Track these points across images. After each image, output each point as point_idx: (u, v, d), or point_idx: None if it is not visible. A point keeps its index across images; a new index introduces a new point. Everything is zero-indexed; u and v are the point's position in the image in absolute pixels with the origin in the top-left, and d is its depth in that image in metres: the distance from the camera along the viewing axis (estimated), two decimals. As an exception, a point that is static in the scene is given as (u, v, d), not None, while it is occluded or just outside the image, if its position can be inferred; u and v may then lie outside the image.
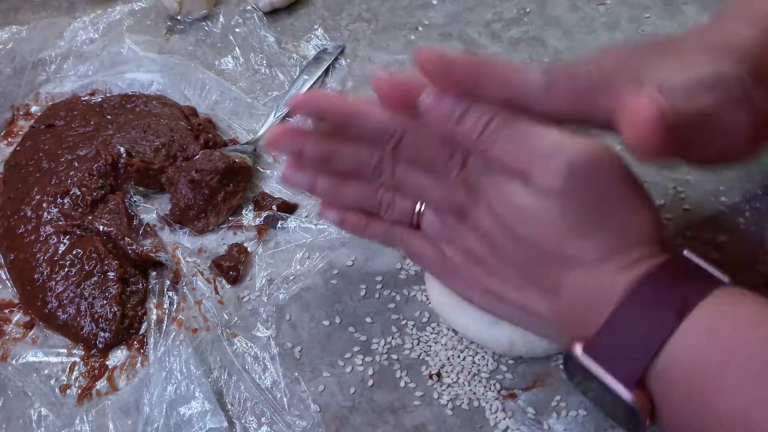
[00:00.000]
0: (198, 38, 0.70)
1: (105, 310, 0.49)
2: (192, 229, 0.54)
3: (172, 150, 0.58)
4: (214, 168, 0.54)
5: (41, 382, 0.47)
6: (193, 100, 0.64)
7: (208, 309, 0.50)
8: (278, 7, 0.71)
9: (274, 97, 0.64)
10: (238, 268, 0.51)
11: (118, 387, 0.47)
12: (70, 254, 0.51)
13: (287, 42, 0.69)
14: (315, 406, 0.45)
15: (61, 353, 0.49)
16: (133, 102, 0.63)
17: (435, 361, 0.46)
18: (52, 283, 0.50)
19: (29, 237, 0.53)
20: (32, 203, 0.54)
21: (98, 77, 0.66)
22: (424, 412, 0.44)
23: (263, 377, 0.46)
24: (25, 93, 0.66)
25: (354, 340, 0.48)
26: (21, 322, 0.50)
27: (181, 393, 0.44)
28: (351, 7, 0.72)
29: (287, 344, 0.48)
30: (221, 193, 0.54)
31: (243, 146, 0.59)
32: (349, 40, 0.69)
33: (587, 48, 0.66)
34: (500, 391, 0.45)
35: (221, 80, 0.64)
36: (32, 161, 0.58)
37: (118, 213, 0.54)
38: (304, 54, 0.67)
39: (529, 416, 0.44)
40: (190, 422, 0.43)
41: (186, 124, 0.60)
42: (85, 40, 0.69)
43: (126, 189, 0.56)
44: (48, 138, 0.60)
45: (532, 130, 0.36)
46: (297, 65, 0.66)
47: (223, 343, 0.48)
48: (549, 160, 0.35)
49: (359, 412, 0.45)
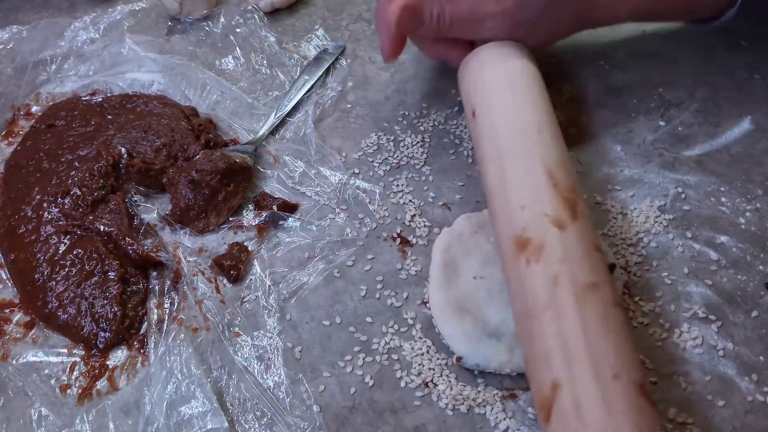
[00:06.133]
0: (199, 38, 0.70)
1: (105, 310, 0.49)
2: (193, 229, 0.54)
3: (173, 150, 0.58)
4: (214, 168, 0.54)
5: (41, 382, 0.47)
6: (193, 100, 0.64)
7: (208, 308, 0.50)
8: (279, 8, 0.72)
9: (274, 97, 0.64)
10: (239, 267, 0.51)
11: (118, 387, 0.47)
12: (70, 254, 0.51)
13: (288, 42, 0.69)
14: (316, 407, 0.45)
15: (61, 353, 0.49)
16: (134, 102, 0.63)
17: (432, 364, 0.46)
18: (53, 283, 0.50)
19: (30, 237, 0.53)
20: (33, 203, 0.54)
21: (99, 77, 0.66)
22: (425, 413, 0.44)
23: (266, 377, 0.46)
24: (26, 93, 0.66)
25: (354, 340, 0.48)
26: (21, 321, 0.50)
27: (181, 393, 0.44)
28: (352, 8, 0.73)
29: (288, 344, 0.48)
30: (222, 193, 0.54)
31: (244, 146, 0.59)
32: (349, 40, 0.69)
33: (588, 47, 0.66)
34: (500, 391, 0.45)
35: (222, 80, 0.64)
36: (33, 161, 0.58)
37: (119, 213, 0.54)
38: (305, 54, 0.67)
39: (529, 416, 0.44)
40: (191, 422, 0.43)
41: (187, 125, 0.60)
42: (86, 40, 0.69)
43: (127, 189, 0.56)
44: (49, 138, 0.60)
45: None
46: (297, 65, 0.66)
47: (224, 343, 0.48)
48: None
49: (359, 413, 0.45)
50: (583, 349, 0.37)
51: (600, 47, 0.66)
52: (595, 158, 0.57)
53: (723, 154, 0.57)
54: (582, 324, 0.38)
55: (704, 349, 0.46)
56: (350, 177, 0.57)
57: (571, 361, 0.37)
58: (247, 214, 0.56)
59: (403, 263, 0.52)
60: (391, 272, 0.51)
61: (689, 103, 0.60)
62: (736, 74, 0.62)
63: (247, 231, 0.54)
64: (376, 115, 0.62)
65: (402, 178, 0.57)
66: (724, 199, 0.54)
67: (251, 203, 0.56)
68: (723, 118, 0.59)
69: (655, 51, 0.65)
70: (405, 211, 0.55)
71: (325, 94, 0.63)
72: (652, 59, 0.64)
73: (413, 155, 0.58)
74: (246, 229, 0.55)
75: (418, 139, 0.59)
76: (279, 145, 0.60)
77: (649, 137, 0.58)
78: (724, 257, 0.50)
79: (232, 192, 0.55)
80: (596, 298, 0.39)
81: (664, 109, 0.60)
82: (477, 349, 0.45)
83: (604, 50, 0.66)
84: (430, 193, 0.56)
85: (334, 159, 0.58)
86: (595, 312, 0.39)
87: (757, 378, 0.44)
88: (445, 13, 0.52)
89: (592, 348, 0.37)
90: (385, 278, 0.51)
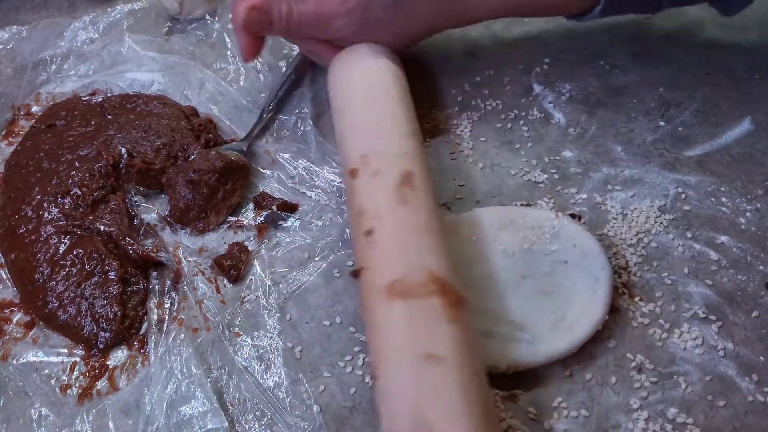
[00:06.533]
0: (198, 38, 0.70)
1: (106, 310, 0.49)
2: (193, 229, 0.54)
3: (173, 150, 0.58)
4: (212, 167, 0.54)
5: (42, 382, 0.47)
6: (193, 100, 0.64)
7: (209, 309, 0.50)
8: (279, 7, 0.71)
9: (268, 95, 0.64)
10: (239, 267, 0.51)
11: (118, 387, 0.47)
12: (70, 254, 0.51)
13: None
14: (316, 407, 0.45)
15: (61, 353, 0.49)
16: (134, 102, 0.63)
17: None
18: (53, 283, 0.50)
19: (30, 237, 0.53)
20: (33, 203, 0.54)
21: (99, 77, 0.66)
22: (425, 412, 0.44)
23: (266, 377, 0.46)
24: (26, 93, 0.66)
25: (354, 340, 0.48)
26: (21, 321, 0.50)
27: (181, 393, 0.44)
28: (351, 7, 0.72)
29: (288, 344, 0.48)
30: (220, 192, 0.54)
31: (237, 144, 0.59)
32: (349, 40, 0.69)
33: (588, 48, 0.66)
34: (501, 391, 0.45)
35: (221, 80, 0.64)
36: (33, 161, 0.58)
37: (119, 213, 0.54)
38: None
39: (529, 416, 0.44)
40: (191, 422, 0.43)
41: (187, 124, 0.60)
42: (86, 39, 0.69)
43: (127, 189, 0.56)
44: (49, 138, 0.60)
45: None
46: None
47: (224, 343, 0.48)
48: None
49: (360, 413, 0.45)
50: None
51: (600, 47, 0.66)
52: (595, 158, 0.57)
53: (723, 155, 0.57)
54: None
55: (704, 349, 0.46)
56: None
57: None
58: (247, 214, 0.56)
59: (404, 263, 0.52)
60: (392, 272, 0.51)
61: (689, 103, 0.60)
62: (736, 74, 0.62)
63: (247, 231, 0.54)
64: (376, 115, 0.62)
65: (402, 178, 0.57)
66: (724, 199, 0.54)
67: (251, 203, 0.56)
68: (723, 118, 0.59)
69: (655, 51, 0.65)
70: (405, 211, 0.55)
71: (318, 89, 0.63)
72: (652, 59, 0.64)
73: (413, 155, 0.58)
74: (246, 229, 0.55)
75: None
76: (278, 144, 0.60)
77: (649, 137, 0.58)
78: (725, 257, 0.50)
79: (230, 190, 0.55)
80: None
81: (665, 109, 0.60)
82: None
83: (605, 50, 0.66)
84: (430, 193, 0.56)
85: (335, 156, 0.58)
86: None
87: (758, 378, 0.44)
88: (293, 13, 0.53)
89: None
90: (385, 278, 0.51)
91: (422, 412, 0.35)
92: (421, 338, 0.37)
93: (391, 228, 0.43)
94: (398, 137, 0.49)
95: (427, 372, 0.36)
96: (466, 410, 0.35)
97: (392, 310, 0.39)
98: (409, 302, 0.39)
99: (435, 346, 0.37)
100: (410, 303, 0.39)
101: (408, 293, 0.39)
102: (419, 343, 0.37)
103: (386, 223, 0.43)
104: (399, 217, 0.43)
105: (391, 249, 0.42)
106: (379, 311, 0.40)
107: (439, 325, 0.38)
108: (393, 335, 0.38)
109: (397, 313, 0.39)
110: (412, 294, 0.39)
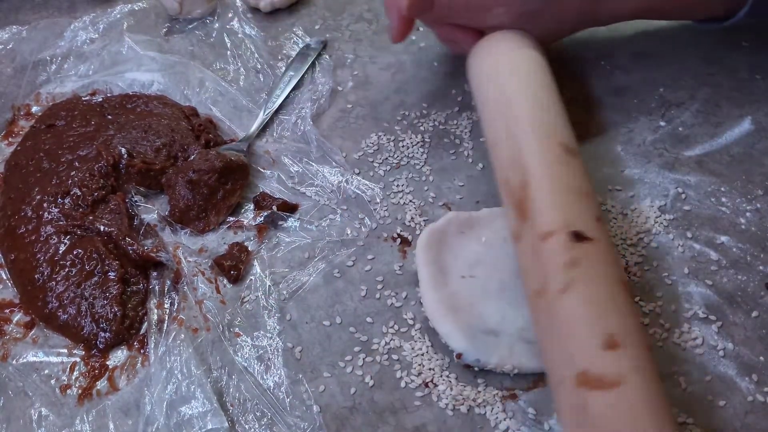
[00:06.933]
0: (198, 38, 0.70)
1: (105, 310, 0.49)
2: (193, 229, 0.54)
3: (173, 150, 0.58)
4: (211, 167, 0.54)
5: (41, 382, 0.47)
6: (193, 100, 0.64)
7: (209, 309, 0.50)
8: (279, 7, 0.71)
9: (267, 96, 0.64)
10: (239, 267, 0.51)
11: (118, 387, 0.47)
12: (70, 254, 0.51)
13: (287, 42, 0.69)
14: (316, 407, 0.45)
15: (61, 353, 0.49)
16: (134, 102, 0.63)
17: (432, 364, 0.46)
18: (53, 283, 0.50)
19: (30, 237, 0.53)
20: (33, 203, 0.54)
21: (99, 77, 0.66)
22: (425, 413, 0.44)
23: (266, 377, 0.46)
24: (26, 93, 0.66)
25: (354, 340, 0.48)
26: (21, 322, 0.50)
27: (181, 393, 0.44)
28: (352, 8, 0.72)
29: (288, 344, 0.48)
30: (220, 191, 0.54)
31: (237, 144, 0.59)
32: (350, 40, 0.69)
33: (589, 48, 0.66)
34: (501, 391, 0.45)
35: (220, 80, 0.64)
36: (33, 161, 0.58)
37: (119, 213, 0.54)
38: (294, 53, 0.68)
39: (529, 417, 0.44)
40: (191, 422, 0.43)
41: (187, 125, 0.60)
42: (86, 39, 0.69)
43: (127, 189, 0.56)
44: (49, 138, 0.60)
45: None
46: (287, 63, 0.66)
47: (224, 343, 0.48)
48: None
49: (360, 413, 0.45)
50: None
51: (601, 47, 0.66)
52: (595, 158, 0.57)
53: (723, 155, 0.57)
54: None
55: (704, 349, 0.46)
56: (350, 177, 0.57)
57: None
58: (247, 214, 0.56)
59: (403, 263, 0.52)
60: (391, 272, 0.51)
61: (690, 103, 0.60)
62: (737, 74, 0.62)
63: (247, 231, 0.54)
64: (376, 115, 0.62)
65: (402, 178, 0.57)
66: (724, 199, 0.54)
67: (251, 203, 0.56)
68: (724, 118, 0.59)
69: (656, 51, 0.65)
70: (405, 211, 0.55)
71: (317, 89, 0.63)
72: (653, 59, 0.64)
73: (413, 155, 0.58)
74: (246, 229, 0.55)
75: (418, 139, 0.59)
76: (278, 144, 0.60)
77: (649, 137, 0.58)
78: (725, 257, 0.50)
79: (230, 190, 0.55)
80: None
81: (665, 109, 0.60)
82: (475, 344, 0.45)
83: (606, 50, 0.66)
84: (430, 193, 0.56)
85: (336, 155, 0.58)
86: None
87: (758, 378, 0.44)
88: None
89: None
90: (385, 278, 0.51)
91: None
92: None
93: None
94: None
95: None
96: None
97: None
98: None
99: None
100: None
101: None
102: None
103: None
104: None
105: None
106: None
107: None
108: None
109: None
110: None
